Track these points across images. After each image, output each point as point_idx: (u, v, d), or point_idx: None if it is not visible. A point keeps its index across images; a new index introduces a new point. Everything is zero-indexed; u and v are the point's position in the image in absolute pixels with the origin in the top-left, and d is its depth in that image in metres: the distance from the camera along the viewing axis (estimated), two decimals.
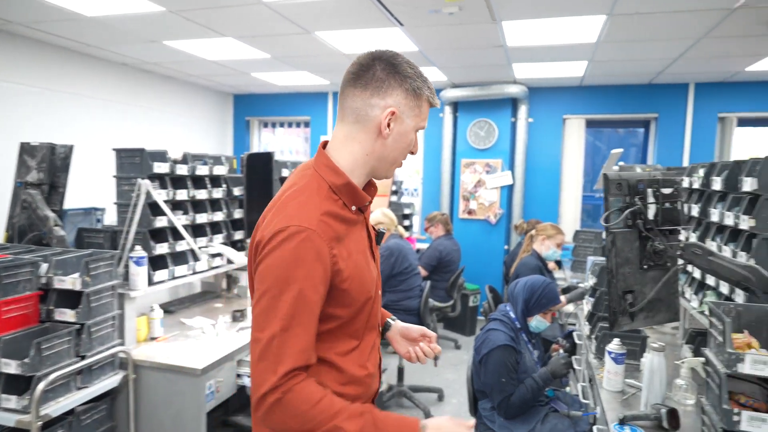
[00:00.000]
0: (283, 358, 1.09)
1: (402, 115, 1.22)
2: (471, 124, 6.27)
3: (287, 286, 1.10)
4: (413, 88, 1.21)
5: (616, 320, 1.87)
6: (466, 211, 6.34)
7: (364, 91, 1.21)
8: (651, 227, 1.85)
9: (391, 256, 4.04)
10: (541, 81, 5.89)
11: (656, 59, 4.68)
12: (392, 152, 1.25)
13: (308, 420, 1.09)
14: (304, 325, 1.12)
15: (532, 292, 2.70)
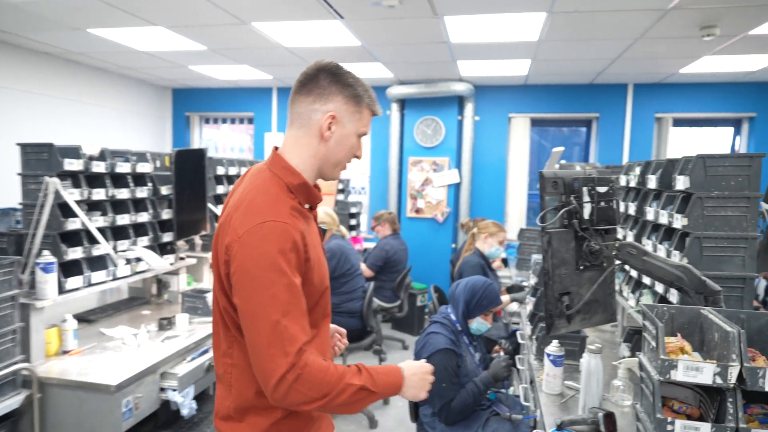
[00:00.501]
0: (291, 340, 1.17)
1: (342, 119, 1.32)
2: (418, 122, 6.21)
3: (277, 275, 1.18)
4: (353, 95, 1.32)
5: (552, 323, 1.81)
6: (413, 209, 6.28)
7: (308, 97, 1.31)
8: (586, 227, 1.80)
9: (332, 257, 3.90)
10: (487, 79, 5.89)
11: (596, 59, 4.74)
12: (335, 154, 1.35)
13: (325, 385, 1.19)
14: (300, 307, 1.23)
15: (473, 293, 2.63)
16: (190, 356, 2.69)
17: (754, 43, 4.04)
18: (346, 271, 3.99)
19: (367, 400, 1.26)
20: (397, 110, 6.29)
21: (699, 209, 1.85)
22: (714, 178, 1.84)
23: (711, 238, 1.84)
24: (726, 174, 1.83)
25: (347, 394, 1.21)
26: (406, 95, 6.09)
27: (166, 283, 3.51)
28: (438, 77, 5.88)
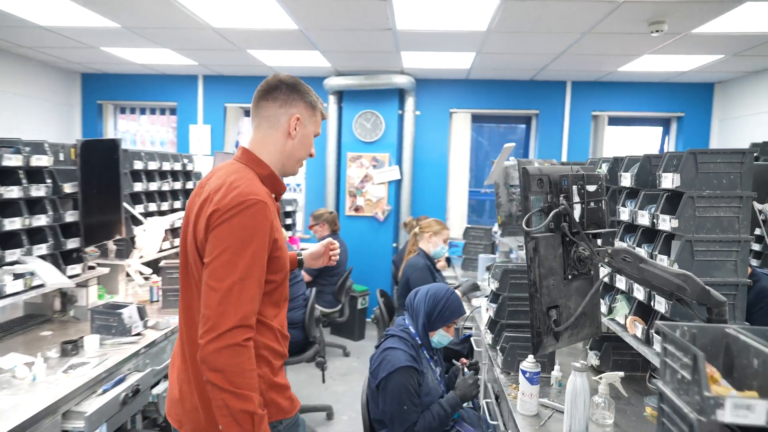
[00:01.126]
0: (241, 303, 1.29)
1: (304, 121, 1.54)
2: (357, 116, 5.91)
3: (247, 244, 1.31)
4: (310, 102, 1.55)
5: (540, 342, 1.58)
6: (352, 207, 5.97)
7: (274, 103, 1.51)
8: (577, 231, 1.59)
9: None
10: (429, 72, 5.69)
11: (540, 54, 4.65)
12: (298, 151, 1.55)
13: (242, 377, 1.28)
14: (257, 278, 1.34)
15: (435, 303, 2.37)
16: (102, 388, 2.24)
17: (693, 42, 4.09)
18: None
19: (237, 427, 1.28)
20: (335, 103, 5.96)
21: (690, 210, 1.69)
22: (705, 175, 1.69)
23: (703, 242, 1.69)
24: (718, 171, 1.68)
25: (243, 405, 1.27)
26: (344, 87, 5.77)
27: (71, 296, 2.99)
28: (379, 69, 5.61)
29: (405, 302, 2.48)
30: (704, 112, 5.85)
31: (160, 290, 3.26)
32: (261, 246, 1.34)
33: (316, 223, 5.01)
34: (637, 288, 1.98)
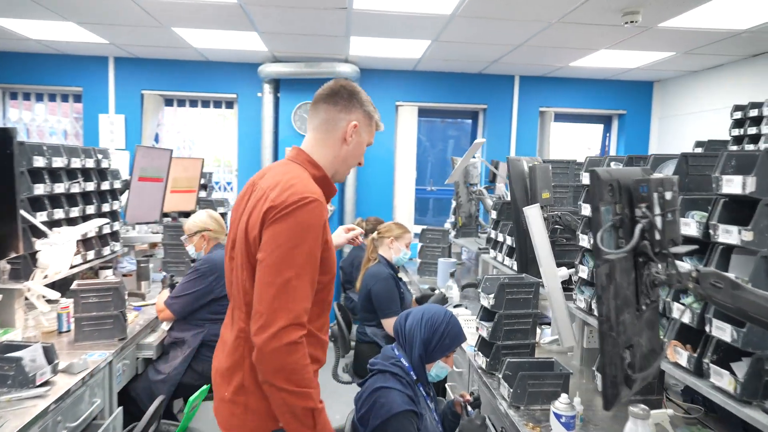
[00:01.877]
0: (296, 301, 1.29)
1: (361, 129, 1.55)
2: (296, 107, 5.38)
3: (302, 242, 1.31)
4: (368, 111, 1.57)
5: (617, 393, 1.24)
6: None
7: (335, 107, 1.52)
8: (659, 250, 1.27)
9: (211, 272, 2.94)
10: (375, 61, 5.28)
11: (499, 44, 4.40)
12: (351, 157, 1.57)
13: (300, 374, 1.28)
14: (311, 277, 1.34)
15: (432, 330, 1.98)
16: None
17: (653, 38, 4.00)
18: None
19: (299, 425, 1.29)
20: (270, 92, 5.39)
21: (766, 220, 1.42)
22: None
23: None
24: None
25: (301, 401, 1.27)
26: (282, 75, 5.22)
27: None
28: (321, 56, 5.11)
29: (398, 329, 2.07)
30: (644, 111, 5.92)
31: (71, 318, 2.61)
32: (315, 244, 1.34)
33: None
34: (677, 308, 1.72)
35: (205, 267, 2.92)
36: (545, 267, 2.48)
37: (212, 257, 2.99)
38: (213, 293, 2.92)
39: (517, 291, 2.35)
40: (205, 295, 2.89)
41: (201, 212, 3.17)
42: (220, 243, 3.15)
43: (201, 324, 2.93)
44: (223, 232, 3.18)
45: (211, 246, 3.12)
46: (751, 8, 3.32)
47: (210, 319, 2.94)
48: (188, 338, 2.89)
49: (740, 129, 4.42)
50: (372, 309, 3.28)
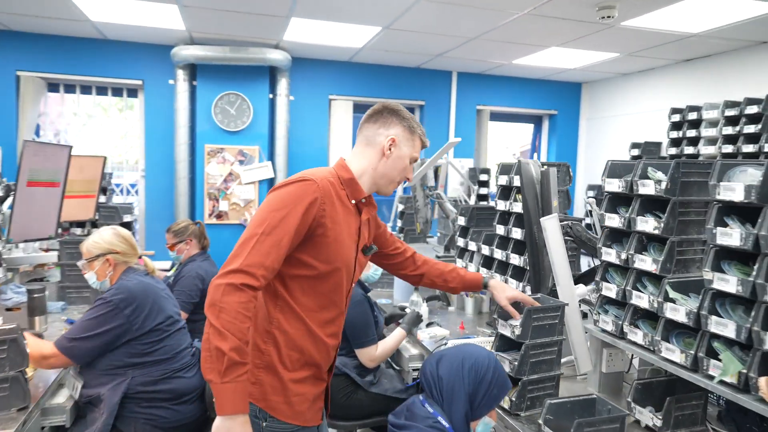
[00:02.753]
0: (252, 254, 1.34)
1: (400, 143, 1.58)
2: (217, 99, 4.67)
3: (282, 207, 1.39)
4: (409, 126, 1.60)
5: None
6: (214, 214, 4.74)
7: (374, 124, 1.59)
8: None
9: (126, 303, 2.26)
10: (310, 50, 4.73)
11: (453, 36, 4.10)
12: (391, 171, 1.60)
13: (228, 315, 1.28)
14: (279, 238, 1.37)
15: (478, 380, 1.57)
16: None
17: (610, 37, 3.93)
18: (157, 326, 2.41)
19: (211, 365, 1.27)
20: (186, 80, 4.63)
21: None
22: None
23: None
24: None
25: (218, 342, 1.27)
26: (201, 59, 4.49)
27: None
28: (249, 38, 4.46)
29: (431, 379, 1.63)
30: (574, 112, 5.98)
31: None
32: (295, 214, 1.38)
33: (180, 239, 3.70)
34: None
35: (118, 297, 2.24)
36: (563, 285, 2.18)
37: (126, 284, 2.30)
38: (132, 331, 2.26)
39: (543, 317, 2.02)
40: (120, 335, 2.22)
41: (105, 229, 2.45)
42: (131, 267, 2.46)
43: (121, 372, 2.25)
44: (135, 254, 2.49)
45: (119, 272, 2.41)
46: (709, 12, 3.32)
47: (133, 363, 2.27)
48: (105, 393, 2.20)
49: (678, 131, 4.51)
50: (344, 337, 2.78)
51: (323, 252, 1.47)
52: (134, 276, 2.40)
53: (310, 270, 1.47)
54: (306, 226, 1.41)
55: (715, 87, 4.41)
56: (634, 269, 1.98)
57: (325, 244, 1.46)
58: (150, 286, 2.42)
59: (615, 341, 2.07)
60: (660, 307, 1.83)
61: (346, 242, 1.54)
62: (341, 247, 1.51)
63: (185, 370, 2.45)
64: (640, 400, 1.97)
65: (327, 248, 1.47)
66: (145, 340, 2.30)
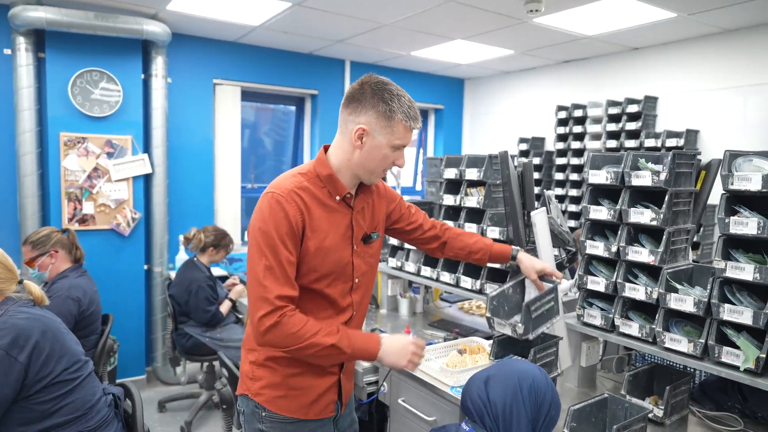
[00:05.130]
0: (271, 288, 1.40)
1: (373, 132, 1.46)
2: (75, 76, 3.79)
3: (267, 236, 1.41)
4: (385, 111, 1.44)
5: None
6: (76, 218, 3.86)
7: (347, 109, 1.49)
8: None
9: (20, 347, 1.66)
10: (194, 24, 4.09)
11: (365, 19, 3.83)
12: (367, 162, 1.50)
13: (296, 338, 1.40)
14: (282, 265, 1.41)
15: (540, 402, 1.37)
16: None
17: (514, 34, 4.02)
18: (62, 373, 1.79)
19: (338, 357, 1.47)
20: (29, 50, 3.67)
21: None
22: None
23: None
24: None
25: (315, 349, 1.40)
26: (53, 25, 3.58)
27: None
28: (120, 4, 3.69)
29: (471, 408, 1.38)
30: (458, 107, 6.13)
31: None
32: (279, 236, 1.41)
33: (41, 252, 2.90)
34: None
35: (5, 340, 1.63)
36: None
37: (12, 321, 1.68)
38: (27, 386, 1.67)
39: (539, 306, 1.89)
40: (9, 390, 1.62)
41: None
42: (10, 298, 1.81)
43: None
44: (14, 278, 1.86)
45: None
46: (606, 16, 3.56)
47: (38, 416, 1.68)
48: None
49: (565, 127, 4.83)
50: None
51: (313, 258, 1.47)
52: (18, 308, 1.78)
53: (315, 274, 1.49)
54: (296, 236, 1.44)
55: (591, 87, 4.81)
56: (626, 261, 1.97)
57: (310, 249, 1.46)
58: (45, 319, 1.81)
59: (604, 335, 2.05)
60: (662, 298, 1.83)
61: (333, 246, 1.51)
62: (326, 254, 1.50)
63: (104, 427, 1.88)
64: (632, 391, 1.97)
65: (307, 257, 1.47)
66: (45, 397, 1.71)
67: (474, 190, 2.65)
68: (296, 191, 1.45)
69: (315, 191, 1.49)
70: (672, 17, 3.52)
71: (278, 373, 1.53)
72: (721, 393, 2.01)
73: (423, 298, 3.33)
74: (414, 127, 1.50)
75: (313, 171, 1.51)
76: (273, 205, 1.42)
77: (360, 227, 1.60)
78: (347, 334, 1.45)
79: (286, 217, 1.41)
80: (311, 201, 1.47)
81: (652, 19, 3.56)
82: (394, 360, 1.48)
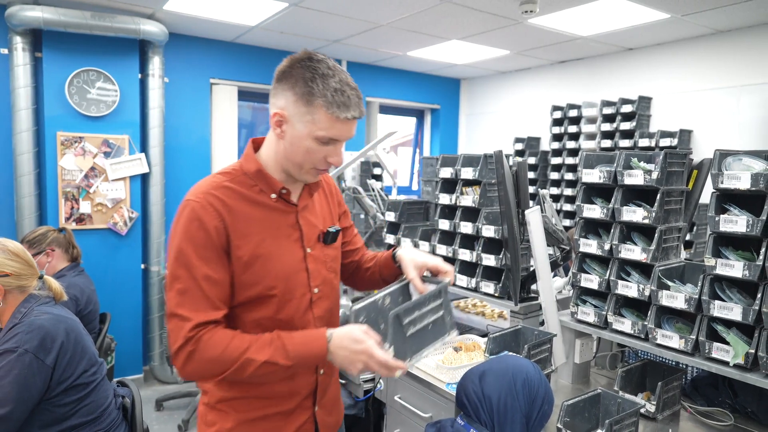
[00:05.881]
0: (186, 316, 1.15)
1: (292, 119, 1.20)
2: (72, 75, 3.80)
3: (180, 253, 1.17)
4: (304, 94, 1.17)
5: None
6: (73, 217, 3.87)
7: (272, 92, 1.24)
8: None
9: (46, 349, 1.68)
10: (192, 24, 4.10)
11: (361, 20, 3.86)
12: (293, 156, 1.23)
13: (221, 363, 1.13)
14: (199, 284, 1.16)
15: (533, 396, 1.40)
16: None
17: (511, 34, 4.05)
18: (82, 376, 1.80)
19: (278, 373, 1.17)
20: (27, 49, 3.68)
21: None
22: None
23: None
24: None
25: (250, 369, 1.14)
26: (50, 24, 3.59)
27: None
28: (117, 3, 3.70)
29: (466, 403, 1.41)
30: (454, 107, 6.16)
31: None
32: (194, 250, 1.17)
33: (38, 250, 2.91)
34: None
35: (34, 343, 1.65)
36: (544, 280, 2.12)
37: (38, 322, 1.70)
38: (51, 388, 1.69)
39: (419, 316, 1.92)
40: (37, 392, 1.64)
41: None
42: (32, 295, 1.83)
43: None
44: (34, 274, 1.87)
45: (13, 304, 1.78)
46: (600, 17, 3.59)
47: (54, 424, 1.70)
48: None
49: (560, 127, 4.86)
50: None
51: (247, 272, 1.21)
52: (41, 308, 1.79)
53: (254, 289, 1.23)
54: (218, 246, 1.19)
55: (586, 87, 4.84)
56: (618, 259, 2.00)
57: (243, 260, 1.21)
58: (67, 320, 1.83)
59: (598, 332, 2.08)
60: (654, 295, 1.86)
61: (274, 252, 1.25)
62: (266, 261, 1.24)
63: (113, 429, 1.89)
64: (625, 387, 2.00)
65: (241, 270, 1.21)
66: (65, 399, 1.74)
67: (469, 189, 2.67)
68: (212, 193, 1.21)
69: (241, 190, 1.24)
70: (665, 18, 3.55)
71: (230, 417, 1.27)
72: (712, 389, 2.04)
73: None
74: (342, 117, 1.18)
75: (239, 168, 1.28)
76: (186, 215, 1.18)
77: (311, 226, 1.34)
78: (282, 342, 1.16)
79: (201, 225, 1.17)
80: (235, 202, 1.22)
81: (645, 20, 3.60)
82: (345, 364, 1.17)
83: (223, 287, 1.19)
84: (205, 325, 1.15)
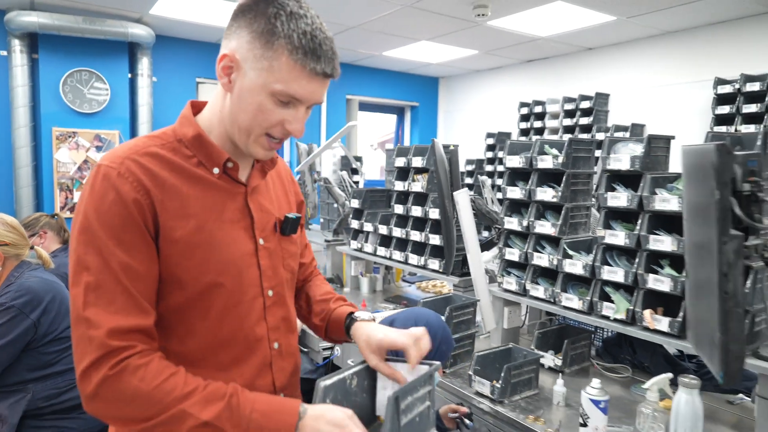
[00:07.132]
0: (98, 321, 0.85)
1: (244, 65, 0.91)
2: (66, 75, 4.11)
3: (89, 234, 0.87)
4: (263, 31, 0.88)
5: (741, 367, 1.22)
6: (68, 206, 4.18)
7: (224, 33, 0.97)
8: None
9: (30, 306, 1.99)
10: (178, 26, 4.40)
11: (335, 24, 4.15)
12: (240, 114, 0.93)
13: (150, 404, 0.83)
14: (117, 277, 0.86)
15: (431, 336, 1.69)
16: None
17: (473, 35, 4.33)
18: (66, 330, 2.11)
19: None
20: (24, 51, 3.99)
21: None
22: None
23: None
24: None
25: (183, 427, 0.82)
26: (45, 28, 3.90)
27: None
28: (107, 9, 4.00)
29: None
30: (433, 104, 6.45)
31: None
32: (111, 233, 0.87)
33: (32, 233, 3.22)
34: (656, 279, 1.84)
35: (21, 301, 1.95)
36: (473, 254, 2.41)
37: (27, 284, 2.01)
38: (37, 339, 1.99)
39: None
40: (20, 342, 1.94)
41: None
42: (25, 261, 2.14)
43: (20, 387, 1.97)
44: (27, 244, 2.18)
45: (9, 268, 2.09)
46: (555, 19, 3.88)
47: (34, 378, 2.00)
48: (4, 412, 1.91)
49: (527, 122, 5.15)
50: None
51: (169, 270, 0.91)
52: (32, 273, 2.10)
53: (182, 288, 0.92)
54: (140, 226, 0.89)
55: (550, 85, 5.13)
56: (534, 234, 2.29)
57: (169, 256, 0.91)
58: (54, 284, 2.14)
59: (519, 299, 2.37)
60: (560, 264, 2.15)
61: (218, 240, 0.95)
62: (207, 250, 0.94)
63: None
64: (541, 347, 2.29)
65: (173, 261, 0.91)
66: (50, 349, 2.04)
67: (420, 177, 2.97)
68: (135, 158, 0.91)
69: (174, 159, 0.95)
70: (613, 20, 3.84)
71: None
72: (617, 348, 2.33)
73: (384, 278, 3.65)
74: (309, 68, 0.89)
75: (172, 134, 0.98)
76: (98, 186, 0.88)
77: (265, 212, 1.05)
78: (238, 402, 0.86)
79: (119, 198, 0.87)
80: (165, 172, 0.92)
81: (593, 22, 3.88)
82: None
83: (147, 282, 0.89)
84: (134, 335, 0.86)
